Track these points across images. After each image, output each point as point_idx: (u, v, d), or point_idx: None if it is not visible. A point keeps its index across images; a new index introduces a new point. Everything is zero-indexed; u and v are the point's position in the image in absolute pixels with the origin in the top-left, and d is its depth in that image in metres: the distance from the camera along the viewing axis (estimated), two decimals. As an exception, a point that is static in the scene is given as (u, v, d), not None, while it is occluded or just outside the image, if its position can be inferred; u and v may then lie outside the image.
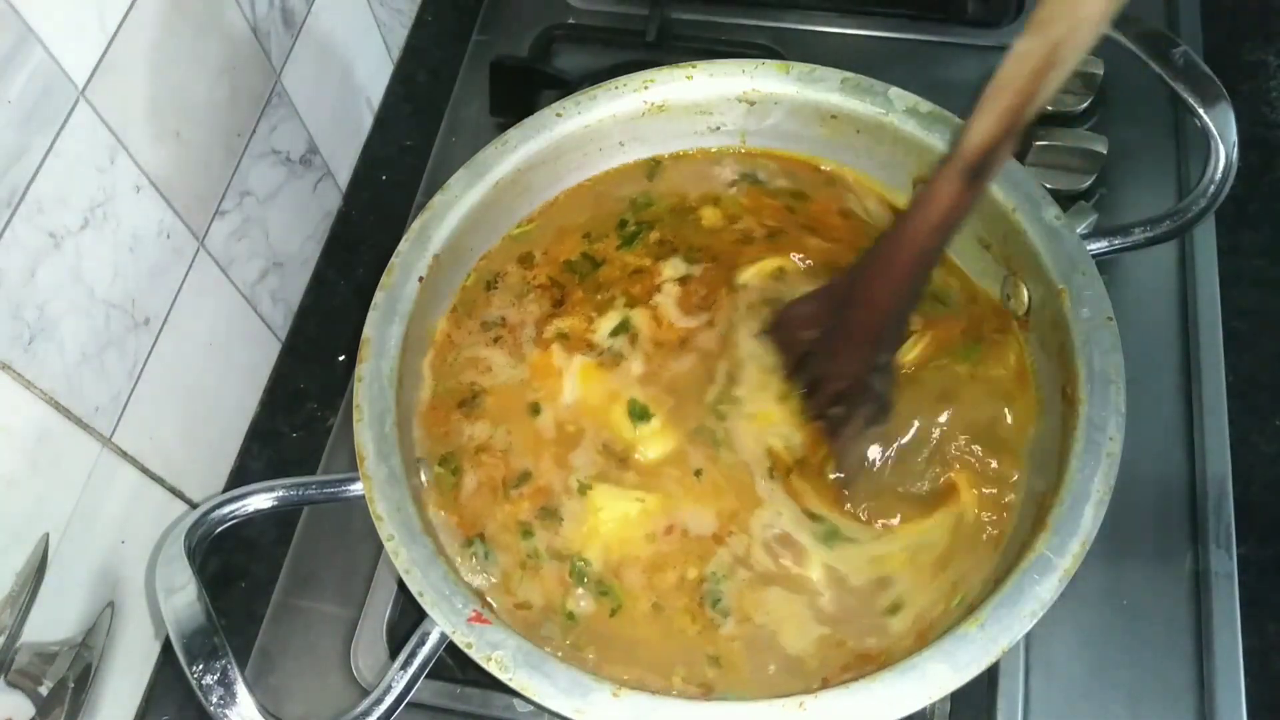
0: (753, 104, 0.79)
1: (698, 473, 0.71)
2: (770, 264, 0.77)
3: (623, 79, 0.79)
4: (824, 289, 0.72)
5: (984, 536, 0.68)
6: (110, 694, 0.74)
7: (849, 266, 0.71)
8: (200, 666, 0.57)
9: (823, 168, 0.81)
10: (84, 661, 0.67)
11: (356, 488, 0.66)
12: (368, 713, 0.60)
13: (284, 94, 0.87)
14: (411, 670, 0.61)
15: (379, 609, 0.79)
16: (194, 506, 0.79)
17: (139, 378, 0.73)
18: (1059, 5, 0.55)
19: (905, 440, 0.70)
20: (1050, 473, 0.65)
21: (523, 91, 0.98)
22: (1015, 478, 0.69)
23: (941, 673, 0.57)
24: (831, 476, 0.70)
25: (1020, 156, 0.77)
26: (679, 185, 0.82)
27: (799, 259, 0.78)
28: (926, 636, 0.64)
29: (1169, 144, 0.94)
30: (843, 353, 0.68)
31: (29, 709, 0.63)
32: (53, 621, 0.67)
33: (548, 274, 0.79)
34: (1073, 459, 0.63)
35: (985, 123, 0.58)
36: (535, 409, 0.74)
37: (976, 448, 0.70)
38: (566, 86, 0.96)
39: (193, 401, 0.81)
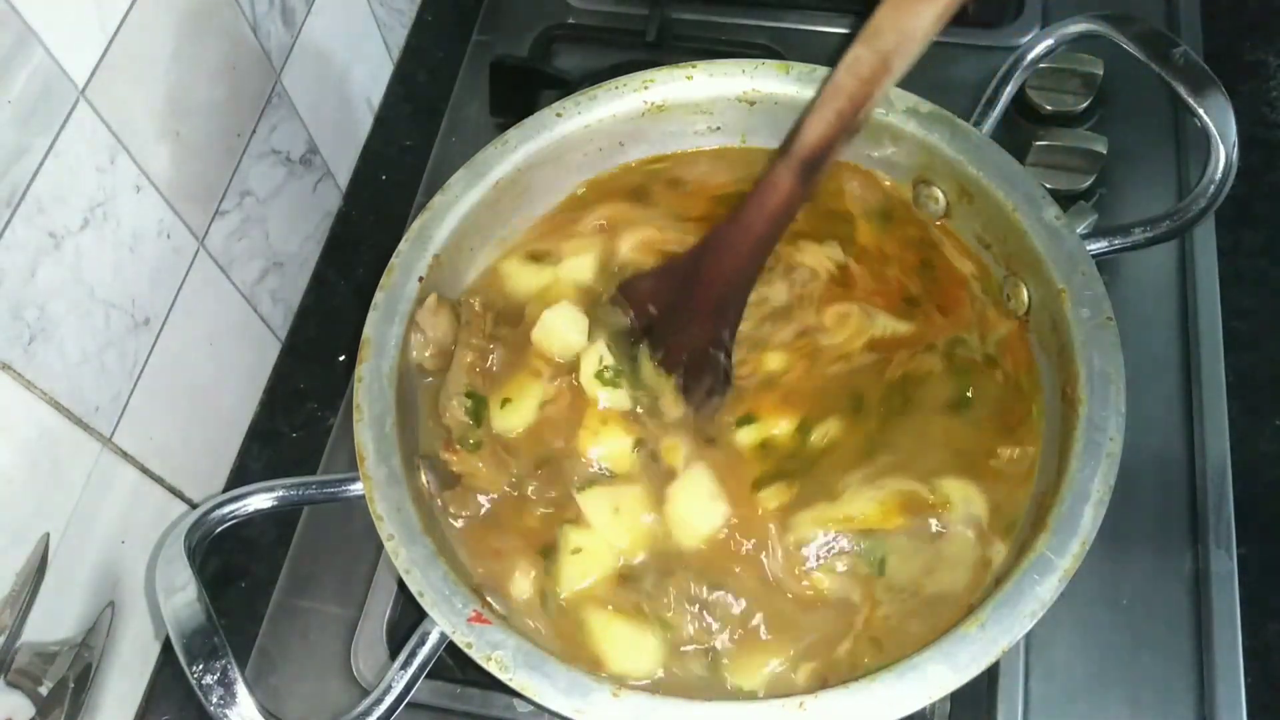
0: (753, 104, 0.79)
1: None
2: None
3: (623, 79, 0.79)
4: (666, 267, 0.75)
5: None
6: (110, 694, 0.74)
7: (691, 247, 0.73)
8: (200, 666, 0.57)
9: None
10: (84, 661, 0.67)
11: (356, 488, 0.66)
12: (368, 713, 0.60)
13: (284, 94, 0.87)
14: (411, 670, 0.61)
15: (379, 609, 0.79)
16: (194, 506, 0.79)
17: (139, 378, 0.73)
18: (888, 19, 0.60)
19: None
20: (1050, 473, 0.65)
21: (523, 91, 0.98)
22: None
23: (941, 673, 0.57)
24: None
25: (1020, 156, 0.77)
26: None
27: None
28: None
29: (1169, 144, 0.94)
30: (686, 326, 0.72)
31: (29, 709, 0.63)
32: (53, 621, 0.67)
33: None
34: (1073, 459, 0.63)
35: (819, 124, 0.63)
36: None
37: None
38: (566, 86, 0.96)
39: (193, 401, 0.81)
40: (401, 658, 0.61)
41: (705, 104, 0.80)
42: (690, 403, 0.72)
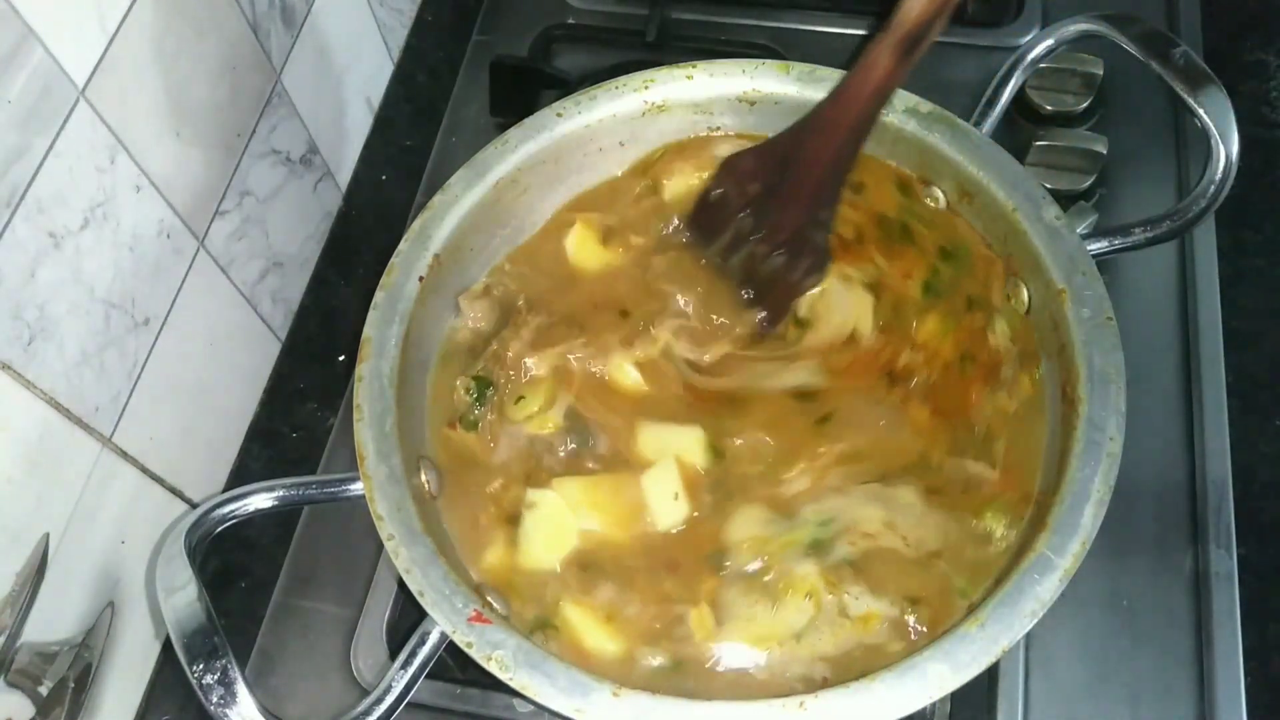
0: (753, 104, 0.79)
1: None
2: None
3: (623, 79, 0.79)
4: (763, 147, 0.76)
5: None
6: (110, 694, 0.74)
7: (789, 128, 0.75)
8: (200, 666, 0.57)
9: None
10: (84, 661, 0.67)
11: (356, 488, 0.66)
12: (368, 713, 0.60)
13: (284, 94, 0.87)
14: (411, 670, 0.61)
15: (379, 609, 0.79)
16: (194, 506, 0.79)
17: (139, 378, 0.73)
18: None
19: None
20: (1050, 473, 0.65)
21: (523, 91, 0.98)
22: None
23: (941, 673, 0.57)
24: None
25: (1020, 156, 0.77)
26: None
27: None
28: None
29: (1169, 144, 0.94)
30: (786, 205, 0.74)
31: (29, 709, 0.63)
32: (53, 621, 0.67)
33: None
34: (1073, 459, 0.63)
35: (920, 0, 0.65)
36: None
37: None
38: (566, 86, 0.96)
39: (193, 401, 0.81)
40: (401, 658, 0.61)
41: (705, 104, 0.80)
42: (785, 280, 0.74)
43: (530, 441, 0.73)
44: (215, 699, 0.57)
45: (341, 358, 0.92)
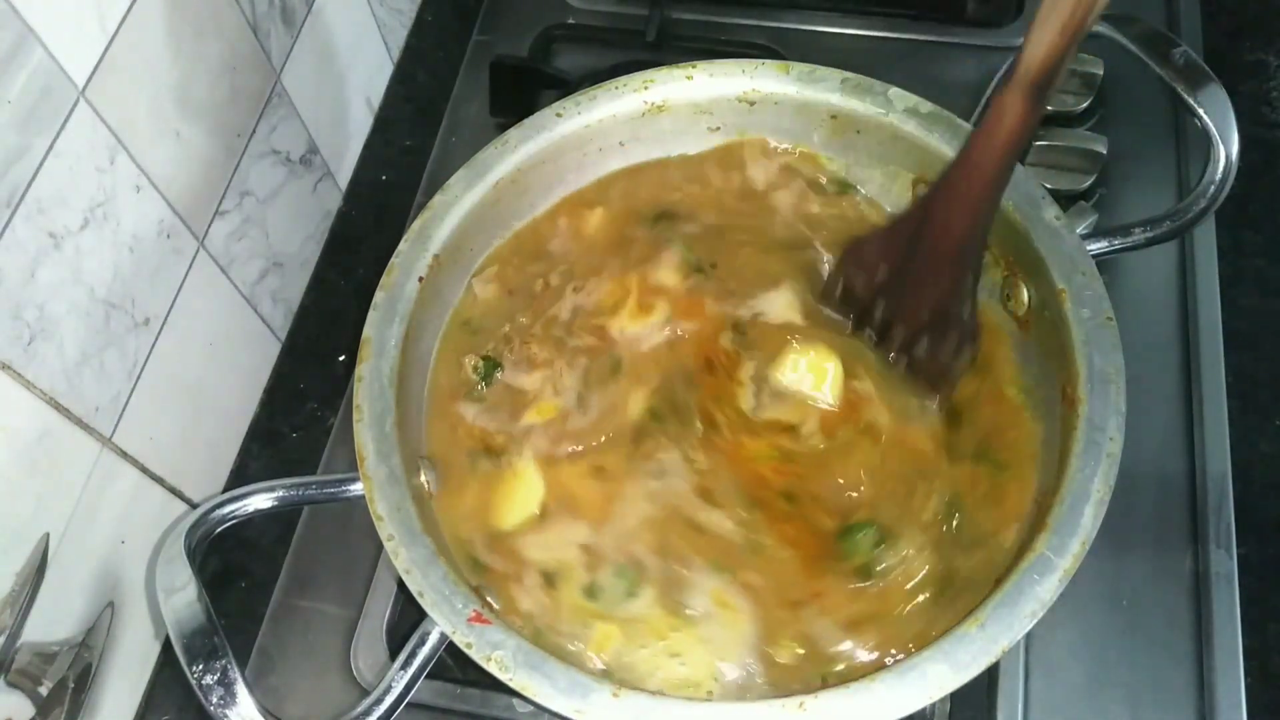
0: (753, 104, 0.79)
1: None
2: None
3: (623, 79, 0.79)
4: (887, 228, 0.72)
5: None
6: (110, 694, 0.74)
7: (914, 203, 0.71)
8: (200, 666, 0.57)
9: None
10: (84, 661, 0.67)
11: (356, 488, 0.66)
12: (368, 713, 0.60)
13: (284, 94, 0.87)
14: (411, 670, 0.61)
15: (379, 609, 0.79)
16: (194, 506, 0.79)
17: (139, 378, 0.73)
18: None
19: None
20: (1050, 473, 0.65)
21: (523, 91, 0.98)
22: None
23: (941, 673, 0.57)
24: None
25: (1020, 156, 0.77)
26: None
27: None
28: None
29: (1169, 144, 0.94)
30: (923, 285, 0.69)
31: (29, 709, 0.63)
32: (53, 621, 0.67)
33: None
34: (1073, 459, 0.63)
35: (1047, 36, 0.58)
36: None
37: None
38: (566, 86, 0.96)
39: (193, 401, 0.81)
40: (401, 658, 0.61)
41: (705, 104, 0.80)
42: (936, 363, 0.70)
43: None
44: (215, 699, 0.57)
45: (341, 358, 0.92)
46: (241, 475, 0.87)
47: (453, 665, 0.74)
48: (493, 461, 0.72)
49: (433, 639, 0.61)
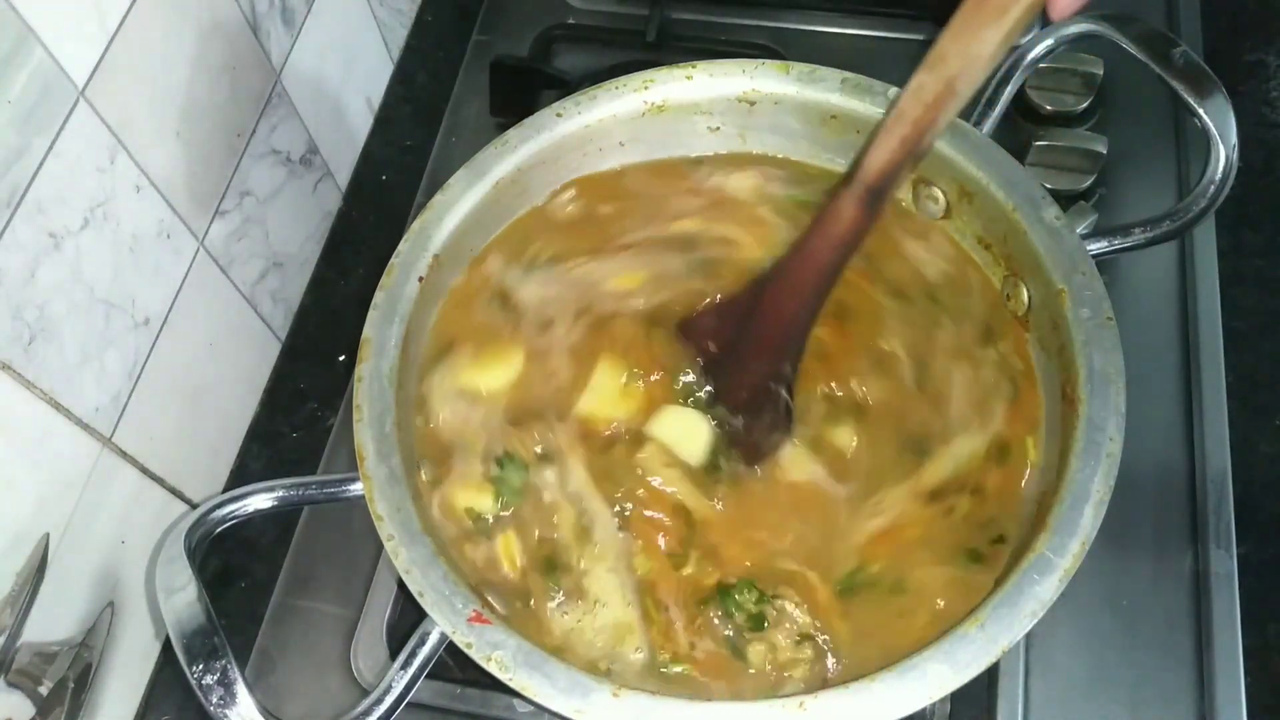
0: (753, 104, 0.79)
1: None
2: None
3: (623, 79, 0.79)
4: (726, 302, 0.73)
5: None
6: (110, 694, 0.74)
7: (750, 282, 0.71)
8: (200, 666, 0.57)
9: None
10: (84, 661, 0.67)
11: (356, 488, 0.66)
12: (368, 713, 0.60)
13: (284, 94, 0.87)
14: (411, 670, 0.61)
15: (379, 609, 0.79)
16: (194, 506, 0.79)
17: (139, 378, 0.73)
18: (953, 44, 0.58)
19: None
20: (1050, 473, 0.65)
21: (523, 91, 0.98)
22: None
23: (941, 673, 0.57)
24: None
25: (1020, 156, 0.77)
26: None
27: None
28: None
29: (1169, 144, 0.94)
30: (747, 363, 0.70)
31: (29, 709, 0.63)
32: (53, 621, 0.67)
33: None
34: (1073, 459, 0.63)
35: (884, 150, 0.61)
36: None
37: None
38: (566, 86, 0.96)
39: (193, 401, 0.81)
40: (401, 658, 0.61)
41: (705, 104, 0.80)
42: (750, 443, 0.70)
43: None
44: (215, 699, 0.57)
45: (341, 358, 0.92)
46: (241, 475, 0.87)
47: (453, 665, 0.74)
48: None
49: (433, 639, 0.61)
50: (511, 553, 0.68)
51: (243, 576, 0.83)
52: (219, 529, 0.65)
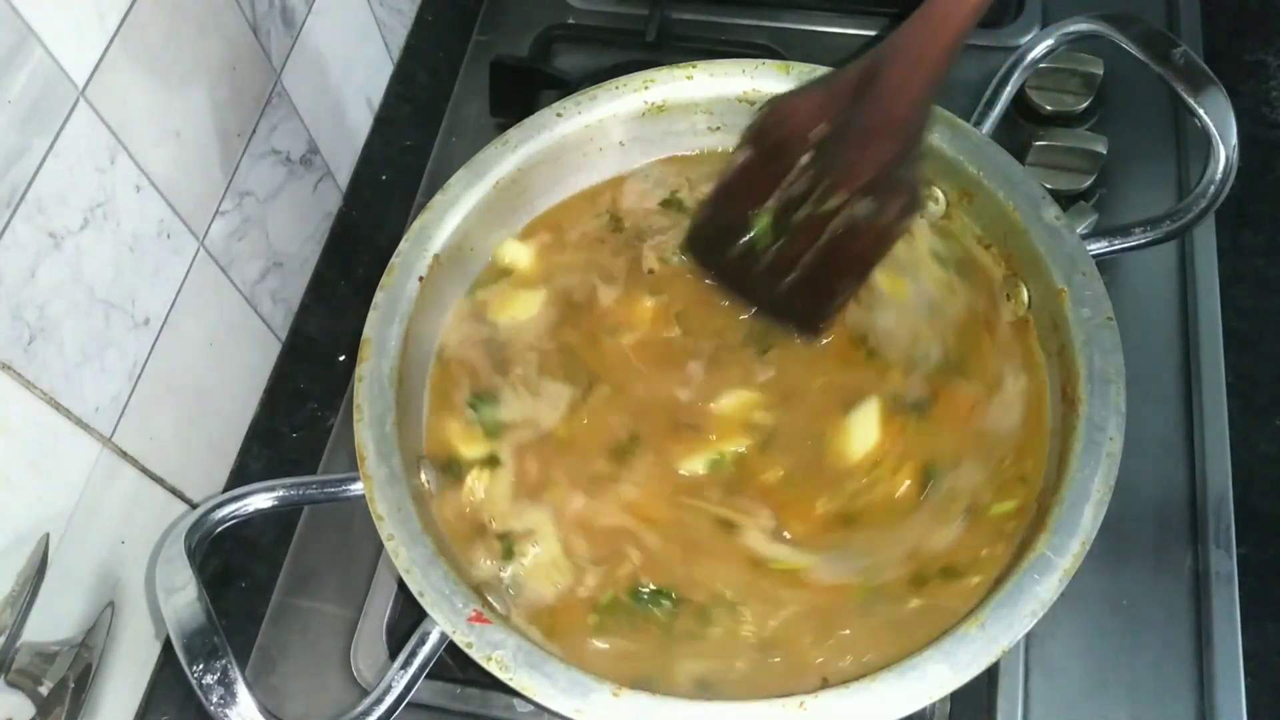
0: (753, 104, 0.79)
1: None
2: None
3: (623, 79, 0.79)
4: (826, 83, 0.70)
5: None
6: (110, 694, 0.74)
7: (861, 58, 0.68)
8: (200, 666, 0.57)
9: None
10: (84, 661, 0.67)
11: (356, 488, 0.66)
12: (368, 713, 0.60)
13: (284, 94, 0.87)
14: (411, 670, 0.61)
15: (379, 609, 0.79)
16: (194, 506, 0.79)
17: (139, 378, 0.73)
18: None
19: None
20: (1050, 473, 0.65)
21: (523, 91, 0.98)
22: None
23: (941, 673, 0.57)
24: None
25: (1020, 156, 0.77)
26: None
27: None
28: None
29: (1169, 144, 0.94)
30: (869, 146, 0.67)
31: (29, 709, 0.63)
32: (53, 621, 0.67)
33: None
34: (1073, 459, 0.63)
35: None
36: None
37: None
38: (566, 86, 0.96)
39: (193, 401, 0.81)
40: (401, 658, 0.61)
41: (705, 104, 0.80)
42: (880, 225, 0.68)
43: None
44: (215, 699, 0.57)
45: (341, 358, 0.92)
46: (241, 475, 0.87)
47: (453, 665, 0.74)
48: None
49: (433, 639, 0.61)
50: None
51: (243, 576, 0.83)
52: (219, 529, 0.65)
